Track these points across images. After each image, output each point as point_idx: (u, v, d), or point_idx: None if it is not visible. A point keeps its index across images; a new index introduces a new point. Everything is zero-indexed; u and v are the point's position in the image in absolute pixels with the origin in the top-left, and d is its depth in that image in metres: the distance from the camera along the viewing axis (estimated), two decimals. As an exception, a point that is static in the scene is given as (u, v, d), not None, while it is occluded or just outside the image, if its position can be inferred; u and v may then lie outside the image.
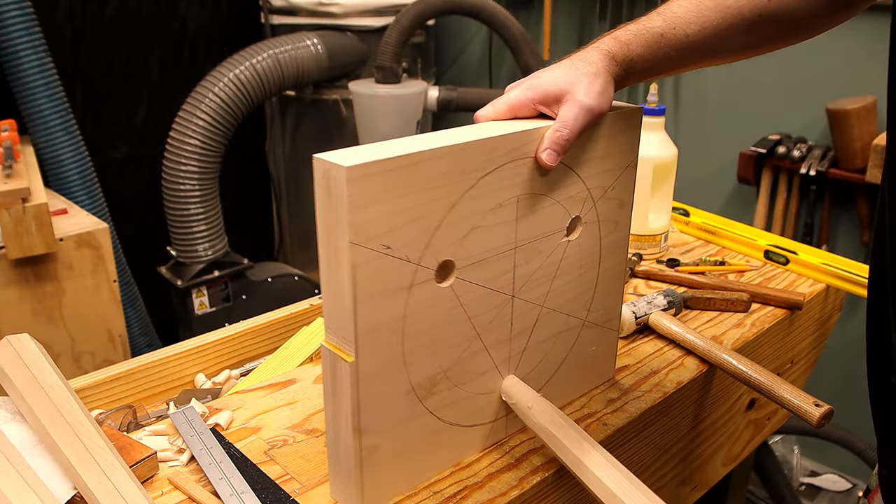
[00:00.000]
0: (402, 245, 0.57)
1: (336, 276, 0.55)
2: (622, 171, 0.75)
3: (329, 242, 0.55)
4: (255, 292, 2.29)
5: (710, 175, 2.16)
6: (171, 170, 2.12)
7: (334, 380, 0.59)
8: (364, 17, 2.29)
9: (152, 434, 0.74)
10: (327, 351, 0.59)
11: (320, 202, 0.54)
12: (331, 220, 0.54)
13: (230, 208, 2.33)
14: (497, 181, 0.62)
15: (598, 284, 0.78)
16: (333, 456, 0.64)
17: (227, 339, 0.91)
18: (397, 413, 0.62)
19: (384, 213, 0.54)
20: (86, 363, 1.69)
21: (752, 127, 2.01)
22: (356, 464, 0.61)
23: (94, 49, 2.21)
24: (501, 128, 0.63)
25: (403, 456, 0.65)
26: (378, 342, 0.58)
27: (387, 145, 0.56)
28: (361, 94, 2.10)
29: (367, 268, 0.55)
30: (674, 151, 1.16)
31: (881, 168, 1.68)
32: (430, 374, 0.64)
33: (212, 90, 2.09)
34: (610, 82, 0.67)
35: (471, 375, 0.68)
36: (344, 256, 0.54)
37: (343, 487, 0.64)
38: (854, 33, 1.78)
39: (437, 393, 0.65)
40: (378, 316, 0.57)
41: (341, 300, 0.56)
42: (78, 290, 1.63)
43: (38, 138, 1.90)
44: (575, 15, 2.37)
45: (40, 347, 0.73)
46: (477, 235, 0.63)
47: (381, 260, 0.56)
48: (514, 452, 0.73)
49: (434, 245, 0.59)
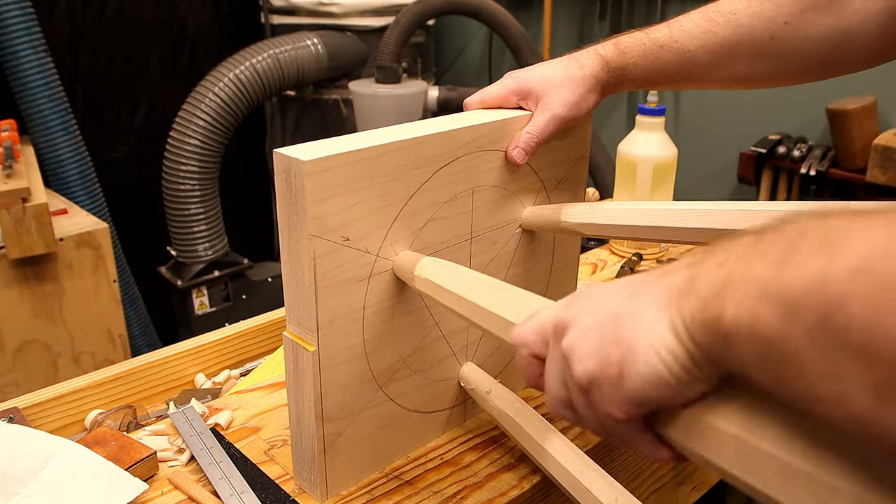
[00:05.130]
0: (360, 237, 0.58)
1: (297, 267, 0.57)
2: (574, 162, 0.77)
3: (290, 235, 0.56)
4: (255, 292, 2.29)
5: (710, 175, 2.16)
6: (171, 170, 2.12)
7: (297, 369, 0.61)
8: (364, 17, 2.29)
9: (152, 434, 0.74)
10: (289, 341, 0.60)
11: (281, 196, 0.56)
12: (291, 214, 0.55)
13: (230, 208, 2.33)
14: (453, 174, 0.64)
15: (552, 273, 0.81)
16: (297, 444, 0.65)
17: (227, 339, 0.91)
18: (359, 400, 0.64)
19: (343, 206, 0.56)
20: (86, 363, 1.69)
21: (752, 127, 2.01)
22: (319, 451, 0.62)
23: (94, 49, 2.21)
24: (458, 121, 0.65)
25: (365, 442, 0.66)
26: (339, 332, 0.60)
27: (346, 139, 0.58)
28: (361, 94, 2.10)
29: (327, 259, 0.56)
30: (674, 151, 1.16)
31: (881, 168, 1.68)
32: (391, 362, 0.65)
33: (212, 90, 2.09)
34: (594, 89, 0.69)
35: (429, 363, 0.70)
36: (304, 248, 0.55)
37: (306, 475, 0.65)
38: (854, 33, 1.78)
39: (397, 380, 0.67)
40: (338, 306, 0.59)
41: (302, 291, 0.57)
42: (78, 290, 1.63)
43: (38, 138, 1.90)
44: (575, 15, 2.37)
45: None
46: (434, 227, 0.64)
47: (340, 251, 0.57)
48: (513, 452, 0.73)
49: (392, 237, 0.61)
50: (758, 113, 2.02)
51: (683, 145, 1.35)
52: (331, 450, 0.63)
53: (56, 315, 1.62)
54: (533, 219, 0.74)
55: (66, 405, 0.80)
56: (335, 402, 0.62)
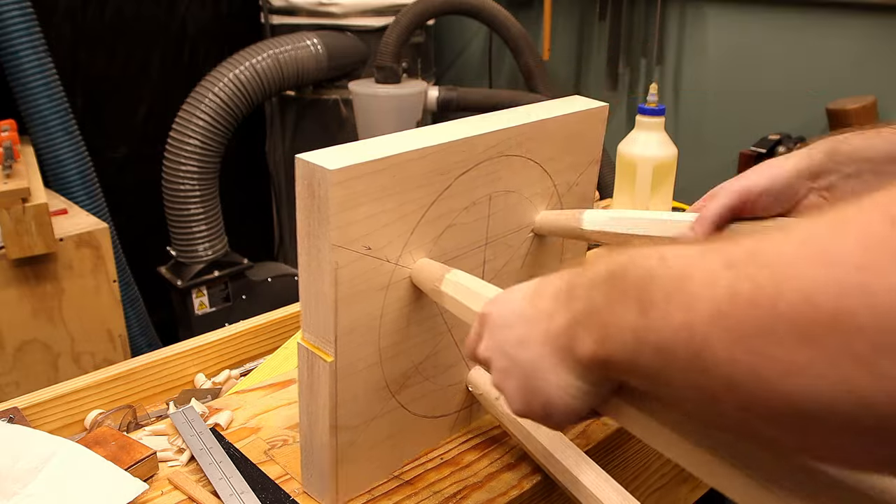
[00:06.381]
0: (382, 246, 0.57)
1: (317, 277, 0.56)
2: (587, 166, 0.77)
3: (310, 244, 0.55)
4: (255, 292, 2.29)
5: (710, 175, 2.16)
6: (171, 170, 2.12)
7: (311, 378, 0.60)
8: (364, 17, 2.29)
9: (152, 434, 0.74)
10: (305, 350, 0.59)
11: (302, 203, 0.54)
12: (312, 222, 0.54)
13: (230, 208, 2.33)
14: (473, 179, 0.63)
15: None
16: (307, 452, 0.64)
17: (227, 339, 0.91)
18: (372, 409, 0.64)
19: (367, 215, 0.55)
20: (86, 363, 1.69)
21: (752, 127, 2.01)
22: (331, 461, 0.62)
23: (94, 49, 2.21)
24: (477, 126, 0.64)
25: (375, 449, 0.66)
26: (357, 341, 0.59)
27: (368, 144, 0.56)
28: (361, 94, 2.10)
29: (348, 269, 0.55)
30: (674, 151, 1.16)
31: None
32: (404, 369, 0.65)
33: (212, 90, 2.09)
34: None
35: (440, 369, 0.69)
36: (326, 258, 0.54)
37: (317, 482, 0.64)
38: (854, 33, 1.79)
39: (409, 387, 0.67)
40: (358, 316, 0.58)
41: (321, 301, 0.56)
42: (78, 290, 1.63)
43: (38, 138, 1.90)
44: (575, 15, 2.37)
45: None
46: (451, 233, 0.64)
47: (362, 261, 0.56)
48: (513, 452, 0.73)
49: (411, 244, 0.60)
50: (758, 113, 2.02)
51: (683, 145, 1.35)
52: (343, 458, 0.63)
53: (56, 315, 1.62)
54: (547, 224, 0.73)
55: (66, 405, 0.80)
56: (349, 411, 0.61)
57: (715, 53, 2.08)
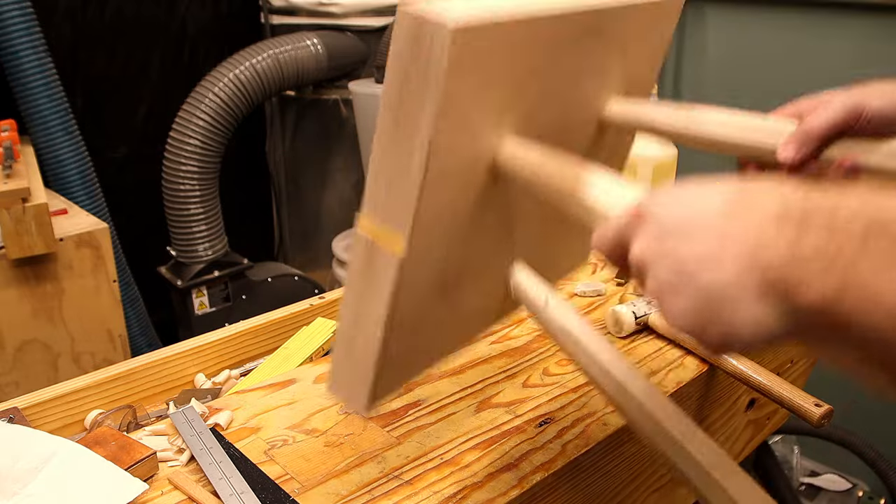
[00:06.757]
0: (478, 120, 0.50)
1: (404, 151, 0.47)
2: (657, 61, 0.73)
3: (401, 111, 0.47)
4: (255, 292, 2.29)
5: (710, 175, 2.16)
6: (171, 170, 2.12)
7: (369, 271, 0.51)
8: (364, 17, 2.29)
9: (152, 434, 0.74)
10: (365, 241, 0.51)
11: (398, 63, 0.45)
12: (410, 86, 0.45)
13: (230, 208, 2.33)
14: (574, 55, 0.56)
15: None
16: (346, 350, 0.56)
17: (227, 339, 0.91)
18: (423, 308, 0.56)
19: (475, 84, 0.47)
20: (86, 363, 1.69)
21: (752, 127, 2.01)
22: (374, 362, 0.54)
23: (94, 49, 2.21)
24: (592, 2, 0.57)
25: (414, 351, 0.60)
26: (431, 231, 0.51)
27: None
28: (361, 94, 2.10)
29: (442, 144, 0.47)
30: (674, 151, 1.16)
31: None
32: (459, 267, 0.58)
33: (212, 90, 2.09)
34: None
35: (492, 267, 0.63)
36: (422, 127, 0.46)
37: (349, 383, 0.57)
38: (854, 33, 1.79)
39: (459, 286, 0.60)
40: (439, 202, 0.50)
41: (403, 181, 0.48)
42: (78, 290, 1.63)
43: (38, 138, 1.90)
44: (575, 15, 2.37)
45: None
46: (540, 113, 0.57)
47: (456, 137, 0.48)
48: (513, 452, 0.73)
49: (505, 121, 0.53)
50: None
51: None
52: (385, 359, 0.55)
53: (56, 315, 1.62)
54: (625, 115, 0.66)
55: (66, 405, 0.80)
56: (404, 310, 0.54)
57: (715, 53, 2.08)
